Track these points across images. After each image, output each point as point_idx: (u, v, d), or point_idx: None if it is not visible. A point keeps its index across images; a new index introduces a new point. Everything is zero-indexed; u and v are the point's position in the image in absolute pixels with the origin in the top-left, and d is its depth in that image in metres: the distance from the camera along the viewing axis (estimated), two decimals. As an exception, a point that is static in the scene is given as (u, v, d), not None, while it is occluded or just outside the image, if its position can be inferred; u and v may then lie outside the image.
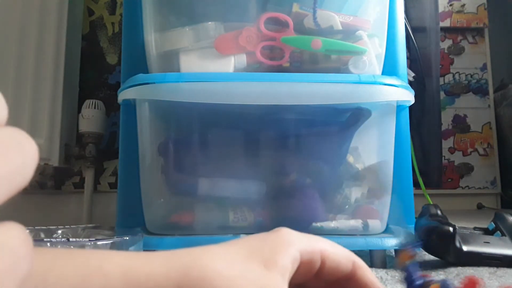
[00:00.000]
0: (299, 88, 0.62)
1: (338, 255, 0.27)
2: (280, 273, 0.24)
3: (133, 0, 0.76)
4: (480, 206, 1.70)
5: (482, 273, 0.54)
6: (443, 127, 1.72)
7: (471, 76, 1.80)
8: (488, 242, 0.60)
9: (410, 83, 0.86)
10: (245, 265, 0.24)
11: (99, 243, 0.47)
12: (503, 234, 0.62)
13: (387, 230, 0.68)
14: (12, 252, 0.12)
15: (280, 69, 0.67)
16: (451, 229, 0.56)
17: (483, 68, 1.80)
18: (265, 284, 0.23)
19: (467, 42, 1.81)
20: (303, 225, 0.64)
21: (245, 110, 0.67)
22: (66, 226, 0.84)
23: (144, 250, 0.56)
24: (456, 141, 1.76)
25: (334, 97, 0.63)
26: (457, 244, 0.57)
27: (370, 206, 0.68)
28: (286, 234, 0.26)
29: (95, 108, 1.19)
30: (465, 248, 0.58)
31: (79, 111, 1.23)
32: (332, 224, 0.64)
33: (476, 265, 0.58)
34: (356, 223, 0.65)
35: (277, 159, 0.70)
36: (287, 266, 0.24)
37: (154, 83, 0.63)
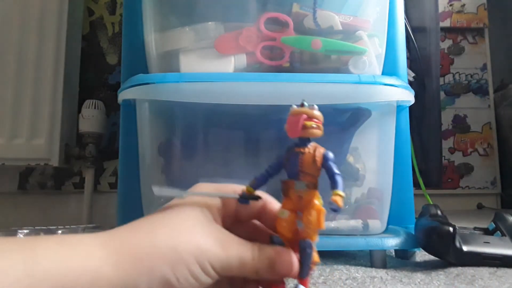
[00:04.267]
0: (299, 88, 0.62)
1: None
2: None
3: (133, 0, 0.76)
4: (480, 206, 1.70)
5: (482, 273, 0.54)
6: (443, 127, 1.72)
7: (471, 76, 1.80)
8: (488, 242, 0.60)
9: (410, 83, 0.86)
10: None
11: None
12: (503, 234, 0.62)
13: (387, 230, 0.68)
14: None
15: (280, 69, 0.67)
16: (451, 229, 0.56)
17: (483, 68, 1.80)
18: (215, 230, 0.27)
19: (467, 42, 1.81)
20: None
21: (245, 110, 0.67)
22: (66, 226, 0.84)
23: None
24: (456, 141, 1.76)
25: (334, 97, 0.63)
26: (457, 244, 0.57)
27: (370, 206, 0.68)
28: (203, 186, 0.31)
29: (95, 108, 1.19)
30: (465, 248, 0.58)
31: (79, 111, 1.23)
32: (332, 224, 0.64)
33: (476, 265, 0.58)
34: (356, 223, 0.65)
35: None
36: (218, 210, 0.30)
37: (154, 83, 0.63)
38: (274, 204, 0.31)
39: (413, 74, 1.21)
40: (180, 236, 0.25)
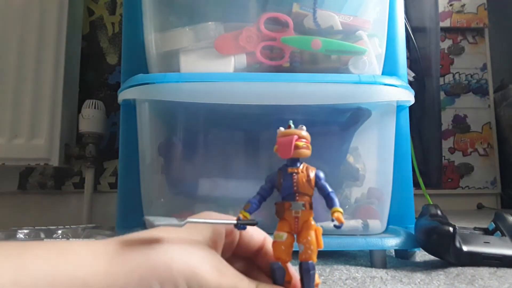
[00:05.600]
0: (299, 88, 0.62)
1: (252, 228, 0.31)
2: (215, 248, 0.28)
3: (133, 0, 0.76)
4: (480, 206, 1.70)
5: (482, 273, 0.54)
6: (443, 127, 1.72)
7: (471, 76, 1.80)
8: (488, 242, 0.60)
9: (410, 83, 0.86)
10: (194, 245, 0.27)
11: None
12: (503, 234, 0.62)
13: (387, 230, 0.68)
14: None
15: (280, 69, 0.67)
16: (451, 229, 0.56)
17: (483, 68, 1.80)
18: (215, 261, 0.27)
19: (467, 42, 1.81)
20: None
21: (245, 110, 0.67)
22: (66, 226, 0.84)
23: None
24: (456, 141, 1.76)
25: (334, 97, 0.63)
26: (457, 244, 0.57)
27: (370, 206, 0.68)
28: (208, 215, 0.30)
29: (95, 108, 1.19)
30: (465, 248, 0.58)
31: (79, 111, 1.23)
32: (332, 224, 0.64)
33: (476, 265, 0.58)
34: (356, 223, 0.65)
35: (277, 159, 0.69)
36: (220, 241, 0.29)
37: (154, 83, 0.63)
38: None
39: (413, 74, 1.21)
40: (176, 255, 0.25)
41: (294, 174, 0.30)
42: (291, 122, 0.30)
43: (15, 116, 1.13)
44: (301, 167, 0.30)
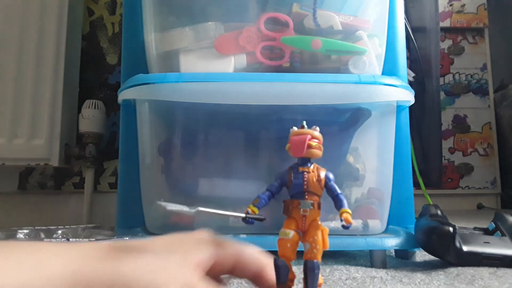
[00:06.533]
0: (299, 88, 0.62)
1: (251, 257, 0.29)
2: (199, 268, 0.26)
3: (133, 0, 0.76)
4: (480, 206, 1.70)
5: (482, 273, 0.54)
6: (443, 127, 1.72)
7: (471, 76, 1.80)
8: (488, 242, 0.60)
9: (410, 83, 0.86)
10: (167, 261, 0.25)
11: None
12: (503, 234, 0.62)
13: (387, 230, 0.68)
14: None
15: (280, 69, 0.67)
16: (451, 229, 0.56)
17: (483, 68, 1.80)
18: (186, 279, 0.25)
19: (467, 42, 1.81)
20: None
21: (245, 110, 0.67)
22: (66, 226, 0.84)
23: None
24: (456, 141, 1.76)
25: (334, 97, 0.63)
26: (457, 244, 0.57)
27: (370, 206, 0.68)
28: (203, 234, 0.29)
29: (95, 108, 1.19)
30: (465, 248, 0.58)
31: (79, 111, 1.23)
32: (332, 224, 0.64)
33: (476, 265, 0.58)
34: (356, 223, 0.65)
35: (277, 159, 0.70)
36: (204, 262, 0.27)
37: (154, 83, 0.63)
38: (271, 272, 0.30)
39: (413, 74, 1.21)
40: (144, 271, 0.24)
41: (305, 173, 0.30)
42: (304, 123, 0.31)
43: (15, 116, 1.13)
44: (311, 167, 0.30)
